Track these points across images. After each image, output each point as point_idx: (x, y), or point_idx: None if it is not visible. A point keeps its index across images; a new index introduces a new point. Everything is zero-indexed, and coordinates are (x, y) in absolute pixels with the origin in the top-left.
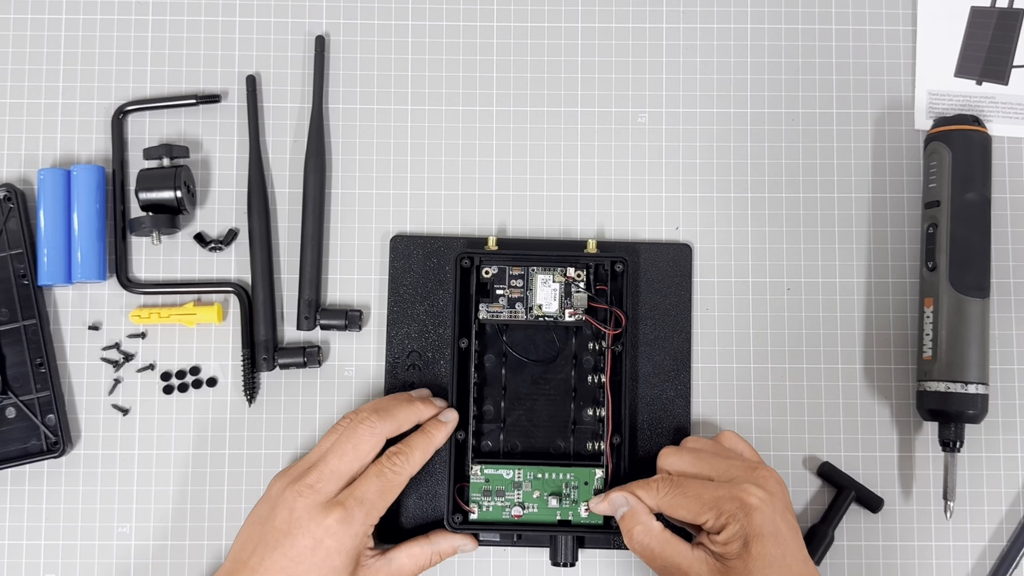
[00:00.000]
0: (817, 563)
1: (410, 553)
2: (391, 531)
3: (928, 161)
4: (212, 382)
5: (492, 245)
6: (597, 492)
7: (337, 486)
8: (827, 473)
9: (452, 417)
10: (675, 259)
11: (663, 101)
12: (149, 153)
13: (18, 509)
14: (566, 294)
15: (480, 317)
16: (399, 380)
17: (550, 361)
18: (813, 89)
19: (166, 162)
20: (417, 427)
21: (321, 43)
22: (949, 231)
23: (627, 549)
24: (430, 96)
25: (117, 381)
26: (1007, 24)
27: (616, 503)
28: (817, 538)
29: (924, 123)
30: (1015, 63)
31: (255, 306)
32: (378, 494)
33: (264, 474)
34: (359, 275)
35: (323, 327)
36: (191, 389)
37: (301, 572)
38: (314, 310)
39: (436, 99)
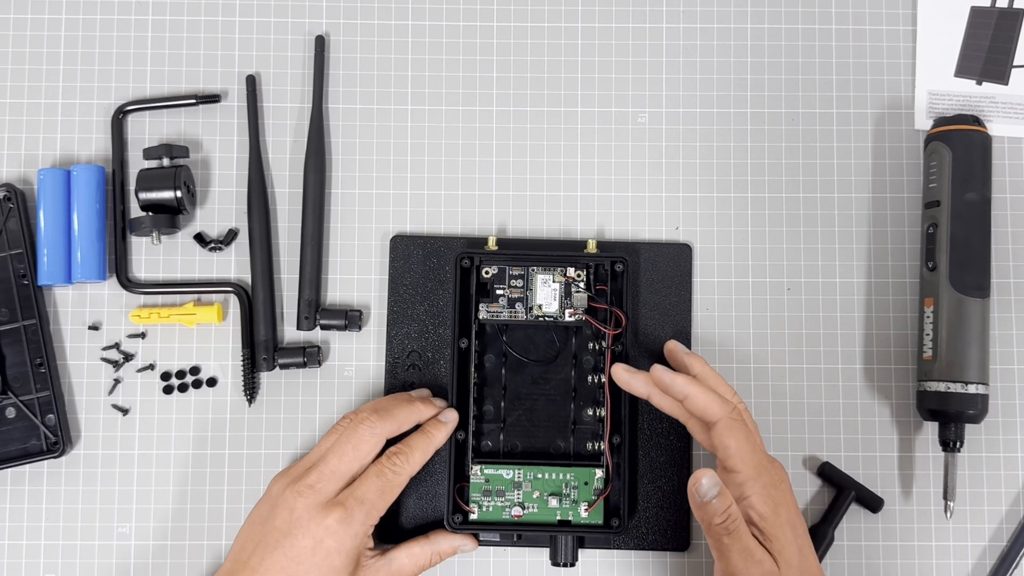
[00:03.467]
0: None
1: (410, 553)
2: (391, 531)
3: (928, 161)
4: (212, 382)
5: (492, 245)
6: (597, 492)
7: (337, 486)
8: (827, 473)
9: (452, 417)
10: (675, 259)
11: (663, 101)
12: (149, 153)
13: (18, 509)
14: (566, 294)
15: (480, 317)
16: (399, 380)
17: (550, 361)
18: (813, 89)
19: (166, 162)
20: (417, 427)
21: (321, 43)
22: (949, 231)
23: (626, 549)
24: (430, 96)
25: (117, 381)
26: (1007, 24)
27: (708, 485)
28: (817, 538)
29: (924, 123)
30: (1015, 63)
31: (255, 306)
32: (378, 494)
33: (264, 474)
34: (359, 275)
35: (323, 327)
36: (191, 389)
37: (301, 572)
38: (314, 310)
39: (436, 99)
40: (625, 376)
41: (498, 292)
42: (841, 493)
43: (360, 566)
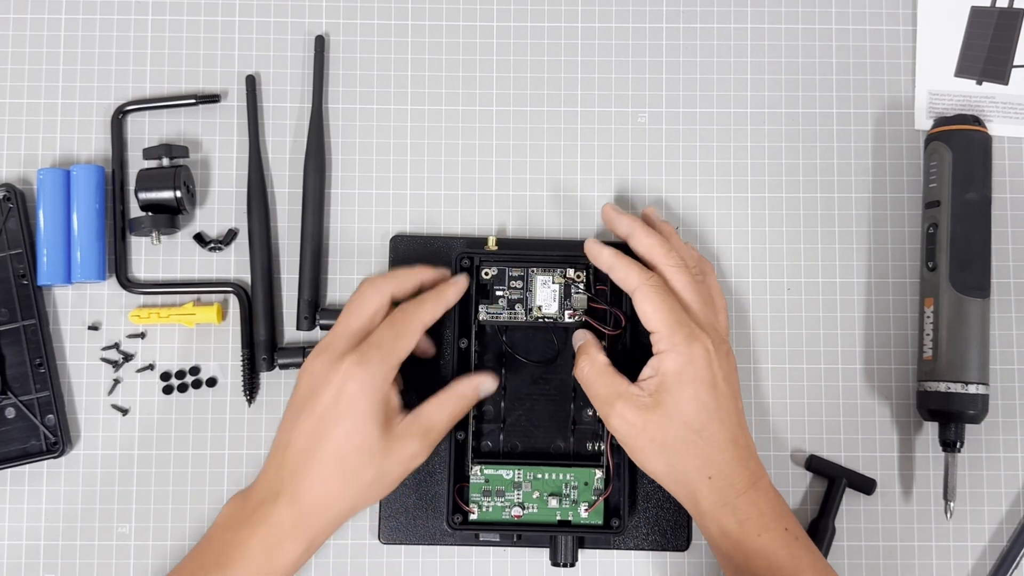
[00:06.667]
0: (824, 556)
1: (438, 404)
2: (392, 531)
3: (928, 161)
4: (212, 382)
5: (492, 245)
6: (597, 492)
7: (349, 343)
8: (815, 465)
9: (463, 279)
10: None
11: (663, 101)
12: (149, 153)
13: (18, 509)
14: (566, 295)
15: (480, 318)
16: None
17: (550, 362)
18: (813, 89)
19: (166, 162)
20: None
21: (321, 43)
22: (949, 231)
23: (626, 549)
24: (430, 96)
25: (117, 381)
26: (1007, 24)
27: (576, 337)
28: (819, 532)
29: (924, 123)
30: (1015, 63)
31: (255, 306)
32: (392, 337)
33: None
34: (359, 275)
35: (323, 327)
36: (191, 389)
37: (329, 426)
38: (313, 310)
39: (436, 99)
40: (612, 215)
41: (498, 293)
42: (833, 482)
43: (391, 423)
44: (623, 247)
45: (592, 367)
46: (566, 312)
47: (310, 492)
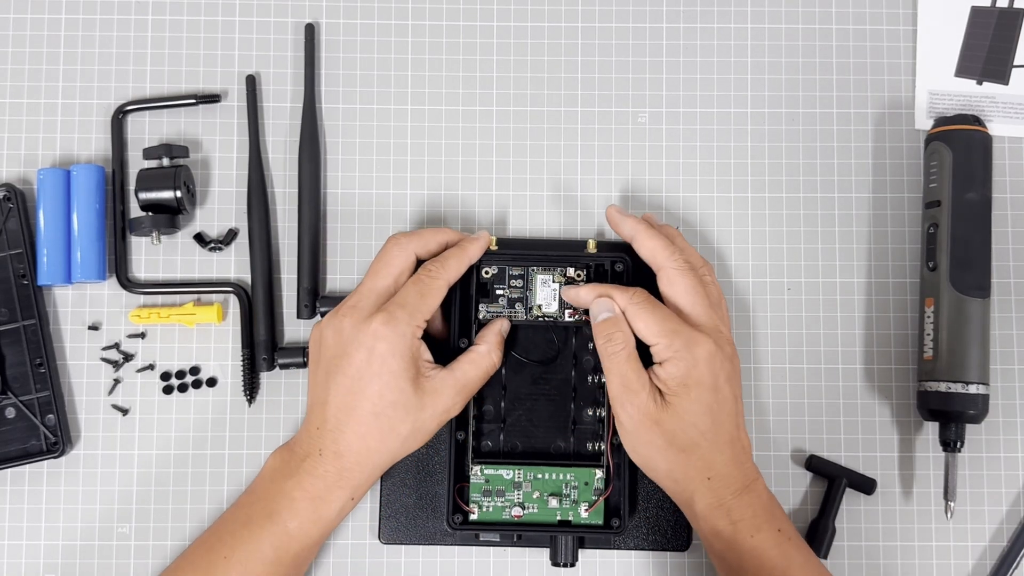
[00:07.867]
0: (824, 556)
1: (470, 360)
2: (392, 531)
3: (928, 161)
4: (212, 382)
5: (492, 245)
6: (597, 492)
7: (376, 302)
8: (816, 465)
9: (484, 235)
10: None
11: (663, 101)
12: (149, 153)
13: (18, 509)
14: None
15: (480, 317)
16: None
17: (550, 361)
18: (813, 89)
19: (166, 162)
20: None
21: (311, 31)
22: (950, 231)
23: (626, 549)
24: (430, 96)
25: (117, 381)
26: (1007, 24)
27: (601, 307)
28: (819, 532)
29: (924, 123)
30: (1015, 63)
31: (255, 306)
32: (418, 297)
33: None
34: (359, 275)
35: (323, 315)
36: (191, 389)
37: (364, 386)
38: (313, 298)
39: (436, 99)
40: (616, 216)
41: (498, 292)
42: (833, 482)
43: (423, 376)
44: (627, 249)
45: (626, 348)
46: (566, 311)
47: (351, 447)
